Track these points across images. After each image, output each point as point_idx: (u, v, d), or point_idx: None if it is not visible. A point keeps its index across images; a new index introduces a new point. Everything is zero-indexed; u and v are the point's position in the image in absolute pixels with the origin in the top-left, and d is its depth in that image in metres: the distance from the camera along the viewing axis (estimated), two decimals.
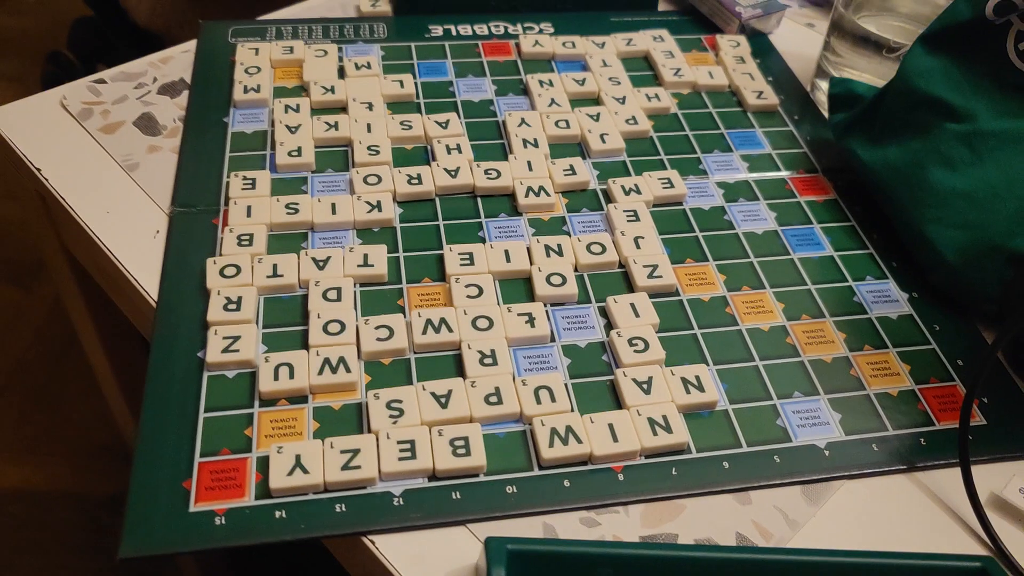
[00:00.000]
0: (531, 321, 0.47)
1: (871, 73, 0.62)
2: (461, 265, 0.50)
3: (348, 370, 0.44)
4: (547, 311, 0.49)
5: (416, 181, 0.55)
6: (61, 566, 1.08)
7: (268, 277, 0.48)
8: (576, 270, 0.51)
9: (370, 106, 0.60)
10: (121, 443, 1.06)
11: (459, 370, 0.45)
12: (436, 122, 0.60)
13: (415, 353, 0.46)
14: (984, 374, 0.42)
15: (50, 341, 1.32)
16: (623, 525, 0.40)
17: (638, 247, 0.52)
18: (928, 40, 0.53)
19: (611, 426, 0.43)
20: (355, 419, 0.43)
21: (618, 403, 0.45)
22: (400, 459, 0.41)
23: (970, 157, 0.51)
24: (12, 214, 1.50)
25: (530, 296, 0.50)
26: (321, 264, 0.49)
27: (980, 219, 0.50)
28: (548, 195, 0.55)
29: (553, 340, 0.47)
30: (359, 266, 0.49)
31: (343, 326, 0.46)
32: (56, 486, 1.15)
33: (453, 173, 0.56)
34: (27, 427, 1.21)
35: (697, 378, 0.45)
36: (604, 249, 0.52)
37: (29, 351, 1.30)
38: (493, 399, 0.43)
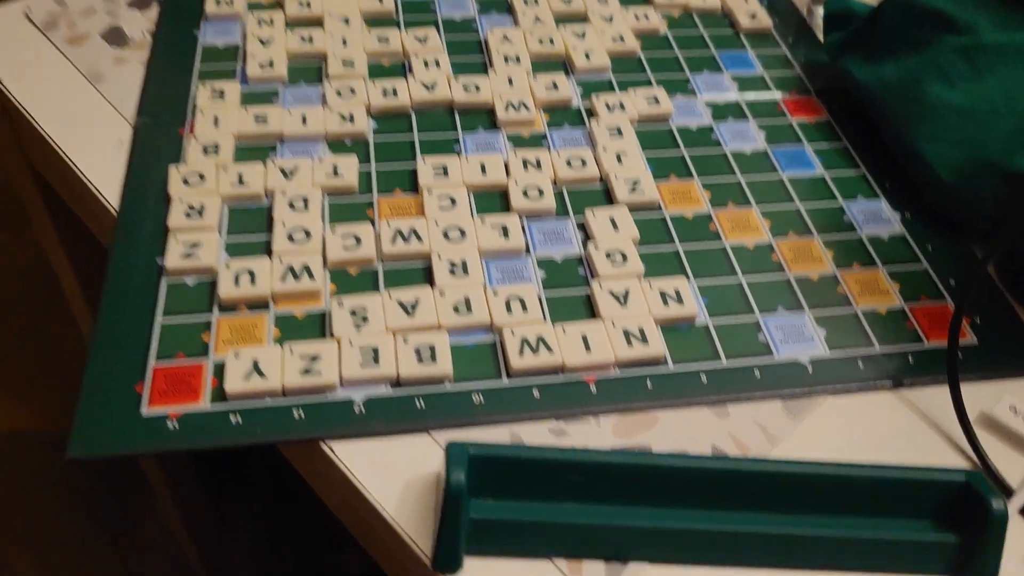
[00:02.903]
0: (505, 233, 0.45)
1: None
2: (435, 177, 0.48)
3: (312, 277, 0.42)
4: (523, 224, 0.47)
5: (392, 94, 0.53)
6: (39, 508, 1.07)
7: (233, 185, 0.47)
8: (555, 184, 0.49)
9: (347, 20, 0.58)
10: None
11: (428, 280, 0.43)
12: (415, 37, 0.57)
13: (383, 262, 0.44)
14: (974, 287, 0.41)
15: (35, 284, 1.30)
16: (594, 435, 0.39)
17: (620, 162, 0.50)
18: None
19: (584, 337, 0.41)
20: (318, 328, 0.41)
21: (593, 315, 0.43)
22: (362, 365, 0.39)
23: (969, 72, 0.49)
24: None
25: (506, 209, 0.48)
26: (288, 174, 0.47)
27: (978, 136, 0.48)
28: (528, 110, 0.53)
29: (528, 252, 0.45)
30: (328, 176, 0.47)
31: (308, 234, 0.44)
32: (36, 427, 1.14)
33: (430, 87, 0.53)
34: (8, 368, 1.20)
35: (676, 291, 0.43)
36: (585, 164, 0.50)
37: (12, 293, 1.29)
38: (462, 308, 0.42)
